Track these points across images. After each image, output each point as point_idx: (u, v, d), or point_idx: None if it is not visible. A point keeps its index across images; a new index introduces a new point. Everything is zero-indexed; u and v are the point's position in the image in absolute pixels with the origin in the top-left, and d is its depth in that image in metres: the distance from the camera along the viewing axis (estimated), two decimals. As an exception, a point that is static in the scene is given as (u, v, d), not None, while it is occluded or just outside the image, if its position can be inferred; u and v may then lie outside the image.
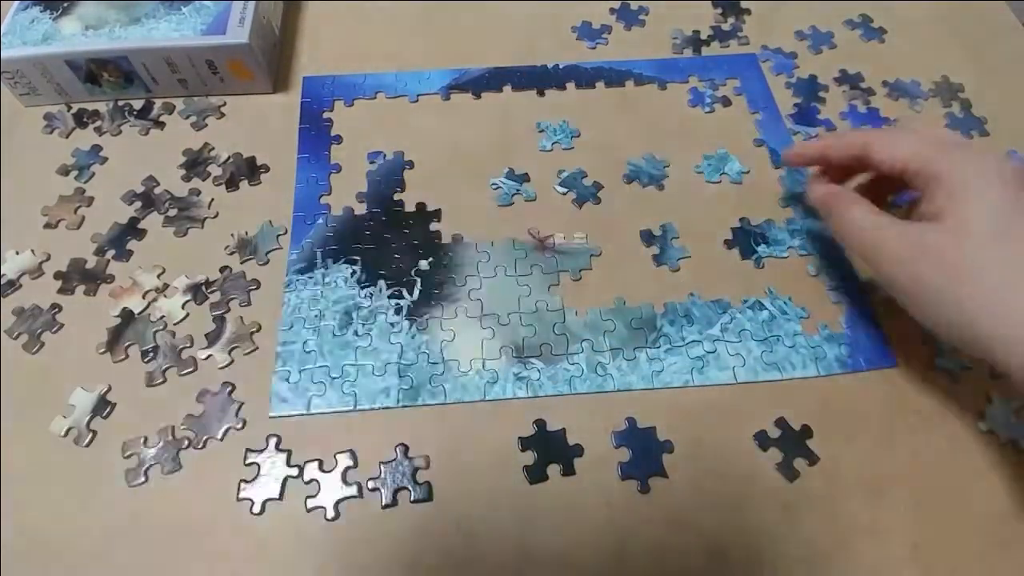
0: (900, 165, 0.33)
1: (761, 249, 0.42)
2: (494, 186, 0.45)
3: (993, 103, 0.50)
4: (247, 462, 0.35)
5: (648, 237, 0.43)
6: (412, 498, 0.34)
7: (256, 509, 0.34)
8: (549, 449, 0.35)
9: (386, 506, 0.34)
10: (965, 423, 0.36)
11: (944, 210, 0.30)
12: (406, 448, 0.35)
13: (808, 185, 0.39)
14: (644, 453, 0.35)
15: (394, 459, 0.35)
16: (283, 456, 0.35)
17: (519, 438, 0.35)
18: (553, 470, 0.35)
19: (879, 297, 0.40)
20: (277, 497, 0.34)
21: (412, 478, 0.34)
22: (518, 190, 0.45)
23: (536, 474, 0.34)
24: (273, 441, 0.35)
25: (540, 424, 0.36)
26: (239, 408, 0.36)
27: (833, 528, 0.33)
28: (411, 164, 0.46)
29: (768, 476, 0.35)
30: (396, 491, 0.34)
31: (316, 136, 0.47)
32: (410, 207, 0.44)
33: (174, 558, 0.33)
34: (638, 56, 0.52)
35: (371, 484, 0.34)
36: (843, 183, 0.38)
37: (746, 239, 0.43)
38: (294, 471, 0.35)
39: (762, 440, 0.36)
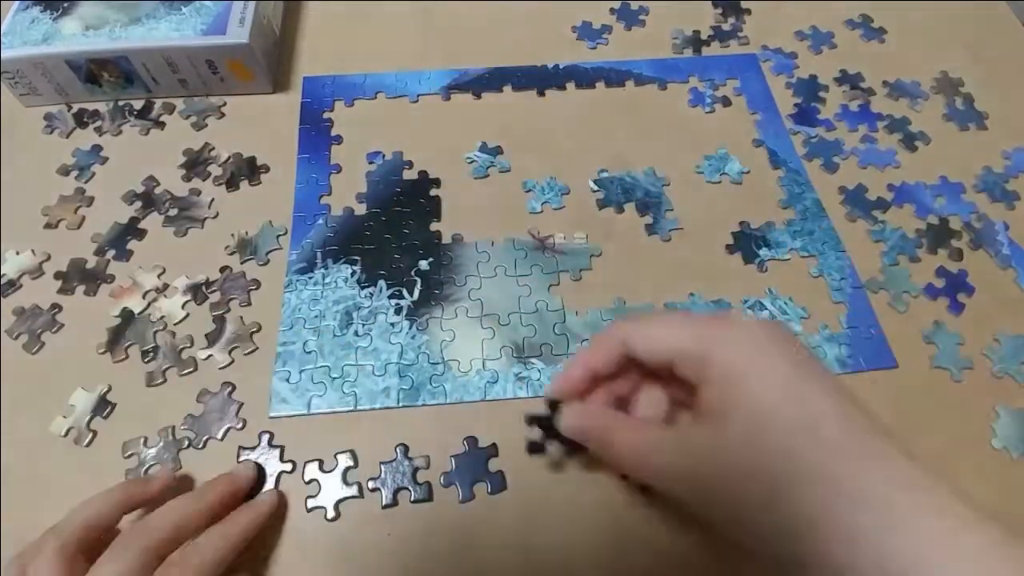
0: (664, 359, 0.28)
1: (763, 252, 0.42)
2: (468, 160, 0.45)
3: (993, 102, 0.50)
4: (239, 460, 0.35)
5: (641, 208, 0.44)
6: (412, 498, 0.34)
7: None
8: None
9: (386, 506, 0.34)
10: (965, 423, 0.36)
11: (724, 402, 0.25)
12: (406, 448, 0.35)
13: (567, 414, 0.30)
14: None
15: (394, 459, 0.35)
16: (276, 452, 0.35)
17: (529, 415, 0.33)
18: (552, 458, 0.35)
19: (880, 298, 0.40)
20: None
21: (412, 478, 0.34)
22: (492, 163, 0.45)
23: (536, 448, 0.33)
24: (266, 438, 0.35)
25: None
26: (239, 408, 0.36)
27: (833, 528, 0.33)
28: (410, 164, 0.46)
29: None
30: (396, 491, 0.34)
31: (316, 136, 0.47)
32: (411, 175, 0.45)
33: (174, 558, 0.32)
34: (638, 56, 0.52)
35: (371, 484, 0.34)
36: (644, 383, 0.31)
37: (748, 243, 0.43)
38: (288, 466, 0.35)
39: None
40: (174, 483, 0.33)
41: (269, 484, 0.34)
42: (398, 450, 0.35)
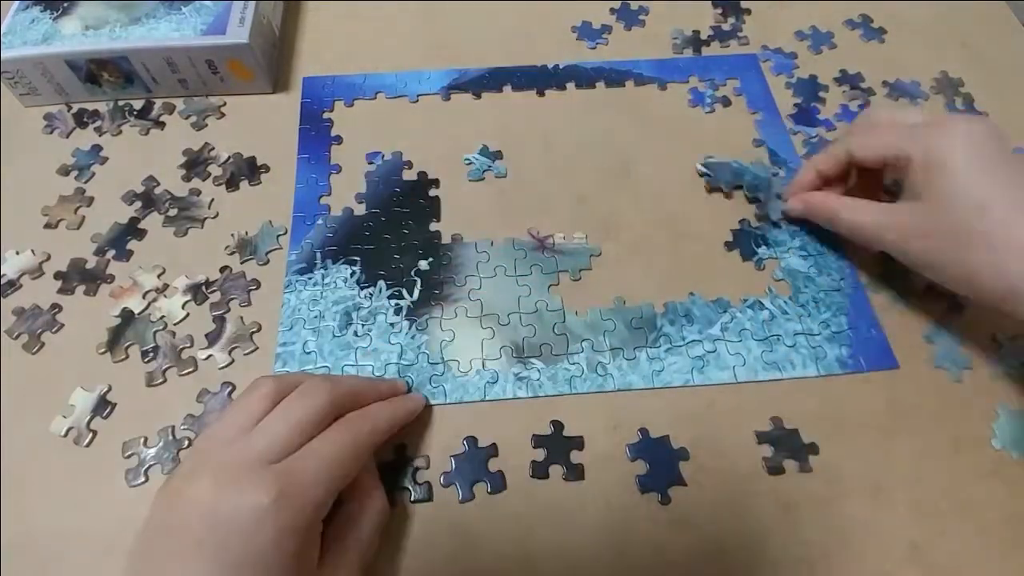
0: (879, 158, 0.36)
1: (762, 251, 0.42)
2: (467, 161, 0.46)
3: (993, 102, 0.50)
4: None
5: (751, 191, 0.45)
6: (412, 498, 0.34)
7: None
8: (556, 447, 0.35)
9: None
10: (965, 423, 0.36)
11: (922, 189, 0.34)
12: (406, 448, 0.35)
13: (793, 201, 0.42)
14: (661, 464, 0.35)
15: (395, 459, 0.35)
16: None
17: (533, 435, 0.36)
18: (555, 469, 0.35)
19: (880, 298, 0.40)
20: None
21: (412, 478, 0.34)
22: (489, 167, 0.45)
23: (541, 471, 0.35)
24: None
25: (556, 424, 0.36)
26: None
27: (833, 528, 0.33)
28: (410, 164, 0.46)
29: (767, 477, 0.35)
30: (396, 491, 0.34)
31: (316, 136, 0.47)
32: (410, 175, 0.45)
33: (174, 558, 0.32)
34: (638, 56, 0.52)
35: None
36: (845, 184, 0.41)
37: (747, 241, 0.43)
38: None
39: (762, 440, 0.36)
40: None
41: None
42: (398, 450, 0.35)
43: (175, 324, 0.39)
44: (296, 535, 0.26)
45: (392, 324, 0.39)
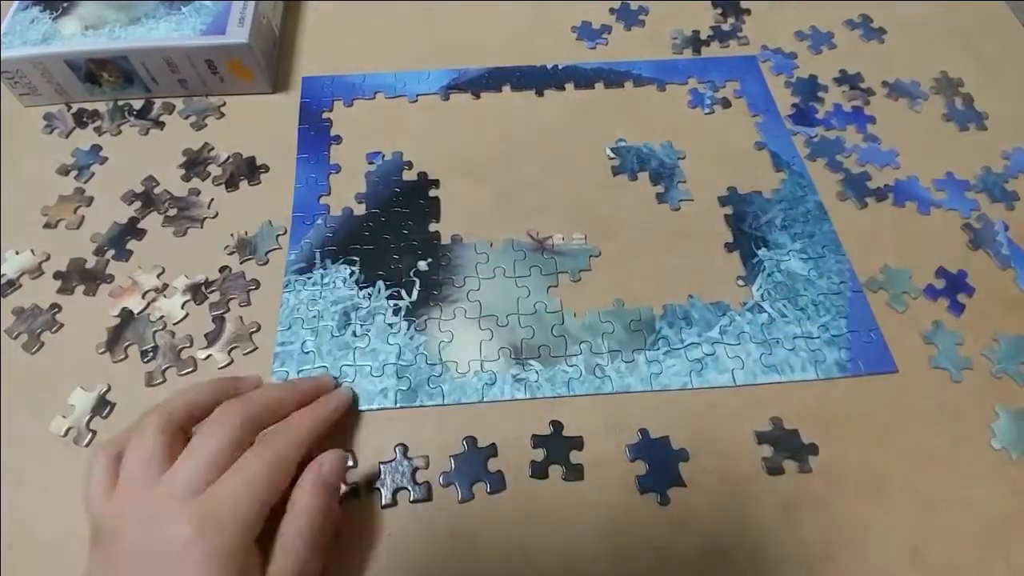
0: None
1: (762, 253, 0.42)
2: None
3: (993, 102, 0.50)
4: None
5: (655, 177, 0.45)
6: (412, 498, 0.34)
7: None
8: (554, 448, 0.35)
9: (385, 506, 0.34)
10: (965, 423, 0.36)
11: None
12: (405, 448, 0.35)
13: None
14: (661, 465, 0.35)
15: (394, 459, 0.35)
16: None
17: (533, 435, 0.36)
18: (554, 470, 0.35)
19: (879, 298, 0.40)
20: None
21: (412, 478, 0.34)
22: None
23: (540, 471, 0.35)
24: None
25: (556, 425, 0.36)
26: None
27: (833, 529, 0.33)
28: (410, 164, 0.46)
29: (767, 477, 0.35)
30: (396, 491, 0.34)
31: (315, 136, 0.47)
32: (410, 176, 0.45)
33: (173, 558, 0.32)
34: (638, 56, 0.52)
35: (375, 483, 0.34)
36: None
37: (747, 242, 0.43)
38: None
39: (762, 440, 0.36)
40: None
41: None
42: (397, 450, 0.35)
43: (175, 324, 0.39)
44: (225, 560, 0.25)
45: (391, 324, 0.39)
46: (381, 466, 0.35)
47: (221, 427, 0.29)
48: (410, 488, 0.34)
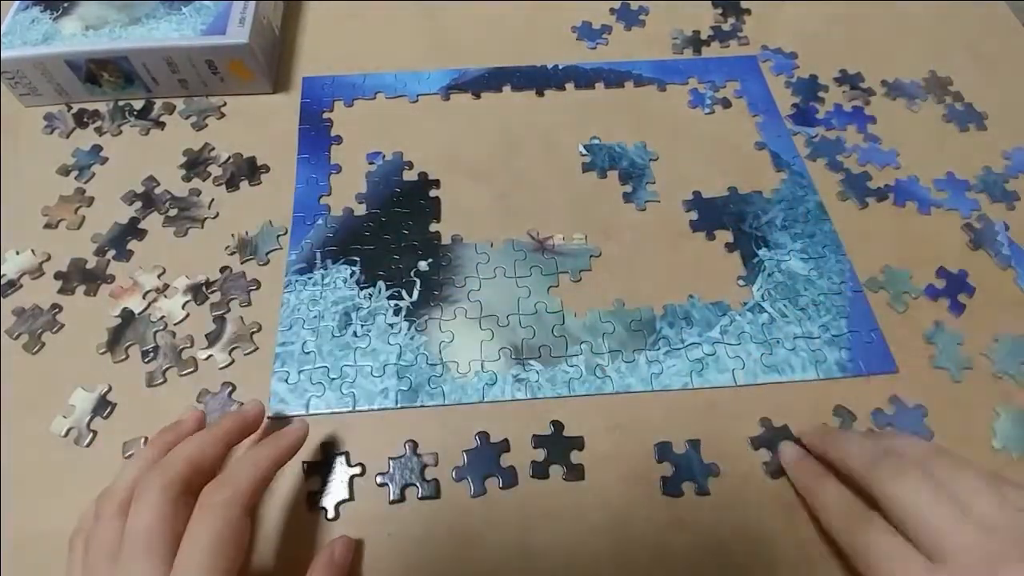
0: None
1: (762, 253, 0.42)
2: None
3: (993, 102, 0.50)
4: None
5: (624, 177, 0.45)
6: (420, 495, 0.34)
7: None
8: (555, 448, 0.35)
9: (393, 501, 0.34)
10: (965, 423, 0.36)
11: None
12: (415, 444, 0.35)
13: (795, 462, 0.34)
14: (661, 465, 0.35)
15: (403, 455, 0.35)
16: None
17: (534, 435, 0.36)
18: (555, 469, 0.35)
19: (879, 297, 0.40)
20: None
21: (420, 475, 0.34)
22: None
23: (540, 471, 0.35)
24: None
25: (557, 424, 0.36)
26: (239, 408, 0.36)
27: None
28: (410, 164, 0.46)
29: (768, 477, 0.35)
30: (404, 487, 0.34)
31: (316, 136, 0.47)
32: (411, 176, 0.45)
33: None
34: (638, 56, 0.52)
35: (379, 479, 0.34)
36: None
37: (748, 242, 0.43)
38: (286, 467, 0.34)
39: (762, 441, 0.36)
40: (263, 414, 0.33)
41: None
42: (407, 446, 0.35)
43: (175, 324, 0.39)
44: None
45: (391, 325, 0.39)
46: (390, 462, 0.35)
47: (143, 508, 0.26)
48: (418, 484, 0.34)
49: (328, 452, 0.35)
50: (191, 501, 0.27)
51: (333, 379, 0.37)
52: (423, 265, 0.41)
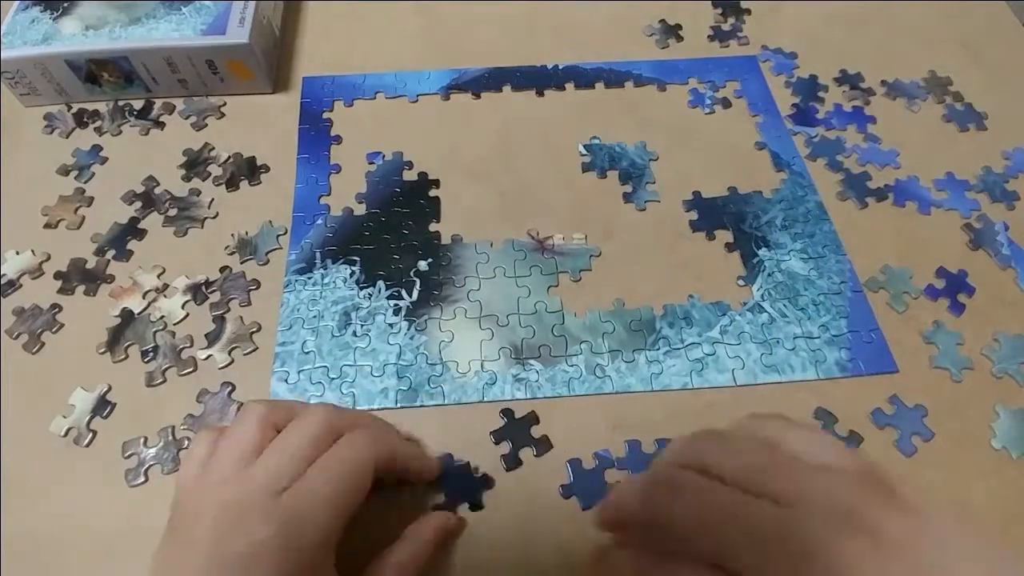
0: None
1: (762, 253, 0.42)
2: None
3: (993, 102, 0.50)
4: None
5: (624, 177, 0.45)
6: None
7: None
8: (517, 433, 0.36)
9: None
10: (965, 423, 0.36)
11: None
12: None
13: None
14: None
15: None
16: None
17: (490, 432, 0.36)
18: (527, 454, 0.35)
19: (879, 297, 0.40)
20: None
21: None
22: None
23: (512, 460, 0.35)
24: None
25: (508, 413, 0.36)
26: (239, 408, 0.36)
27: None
28: (410, 164, 0.46)
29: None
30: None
31: (316, 136, 0.47)
32: (411, 176, 0.45)
33: (173, 558, 0.32)
34: (637, 57, 0.52)
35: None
36: None
37: (748, 242, 0.43)
38: None
39: (761, 441, 0.36)
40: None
41: None
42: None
43: (175, 324, 0.39)
44: (299, 565, 0.25)
45: (391, 324, 0.39)
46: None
47: (305, 426, 0.29)
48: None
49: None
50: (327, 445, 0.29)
51: (333, 379, 0.37)
52: (423, 265, 0.41)
